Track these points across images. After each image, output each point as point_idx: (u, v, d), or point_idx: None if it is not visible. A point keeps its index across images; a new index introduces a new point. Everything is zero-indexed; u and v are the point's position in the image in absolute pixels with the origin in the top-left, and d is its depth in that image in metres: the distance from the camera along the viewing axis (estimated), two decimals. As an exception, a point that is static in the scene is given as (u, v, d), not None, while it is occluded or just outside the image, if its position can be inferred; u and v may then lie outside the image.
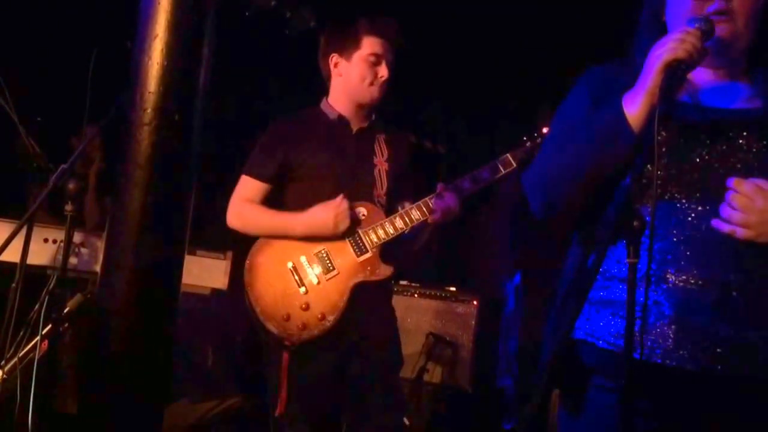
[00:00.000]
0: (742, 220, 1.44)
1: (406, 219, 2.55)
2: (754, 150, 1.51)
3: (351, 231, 2.54)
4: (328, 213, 2.49)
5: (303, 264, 2.52)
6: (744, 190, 1.45)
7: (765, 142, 1.51)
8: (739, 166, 1.51)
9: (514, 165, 2.61)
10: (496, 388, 4.27)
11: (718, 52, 1.56)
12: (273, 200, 2.65)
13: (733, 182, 1.46)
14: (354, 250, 2.54)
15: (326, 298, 2.49)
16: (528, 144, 2.66)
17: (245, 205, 2.61)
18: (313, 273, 2.51)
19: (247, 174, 2.65)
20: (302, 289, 2.50)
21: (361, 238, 2.55)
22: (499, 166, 2.61)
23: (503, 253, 5.21)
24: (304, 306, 2.47)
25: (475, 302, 4.21)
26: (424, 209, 2.55)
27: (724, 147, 1.53)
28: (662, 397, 1.54)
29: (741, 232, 1.44)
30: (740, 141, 1.52)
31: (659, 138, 1.56)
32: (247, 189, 2.63)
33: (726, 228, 1.46)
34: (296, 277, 2.51)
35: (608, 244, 1.51)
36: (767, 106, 1.56)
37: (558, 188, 1.67)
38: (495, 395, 4.38)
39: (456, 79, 5.11)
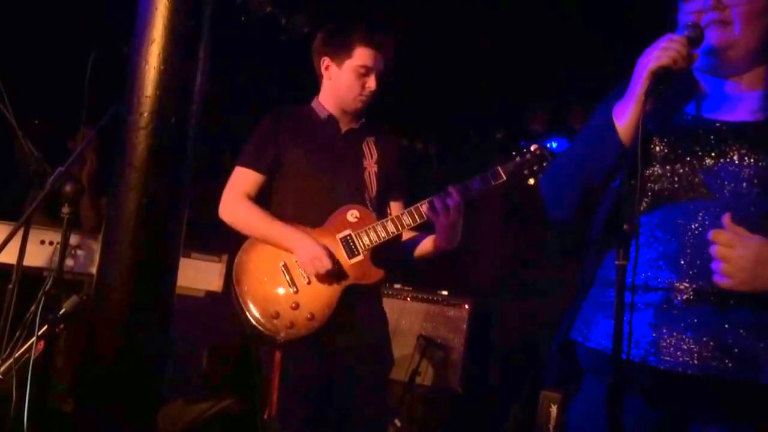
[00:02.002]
0: (723, 270, 1.45)
1: (398, 223, 2.56)
2: (745, 163, 1.53)
3: (343, 233, 2.57)
4: (310, 253, 2.48)
5: (294, 264, 2.54)
6: (722, 240, 1.45)
7: (756, 156, 1.52)
8: (728, 178, 1.53)
9: (504, 177, 2.61)
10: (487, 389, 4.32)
11: (719, 61, 1.59)
12: (260, 194, 2.66)
13: (711, 234, 1.46)
14: (346, 253, 2.56)
15: (316, 299, 2.50)
16: (518, 159, 2.68)
17: (241, 201, 2.60)
18: (304, 273, 2.53)
19: (241, 165, 2.63)
20: (292, 289, 2.51)
21: (353, 240, 2.56)
22: (490, 178, 2.61)
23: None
24: (293, 305, 2.49)
25: (466, 306, 4.24)
26: (416, 215, 2.56)
27: (717, 159, 1.55)
28: (647, 396, 1.57)
29: (724, 282, 1.45)
30: (732, 154, 1.54)
31: (656, 149, 1.60)
32: (242, 180, 2.62)
33: (716, 279, 1.46)
34: (287, 277, 2.52)
35: (599, 246, 1.55)
36: None
37: (561, 191, 1.72)
38: (485, 397, 4.42)
39: (447, 80, 5.13)
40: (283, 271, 2.53)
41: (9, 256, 2.42)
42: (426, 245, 2.68)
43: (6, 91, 2.53)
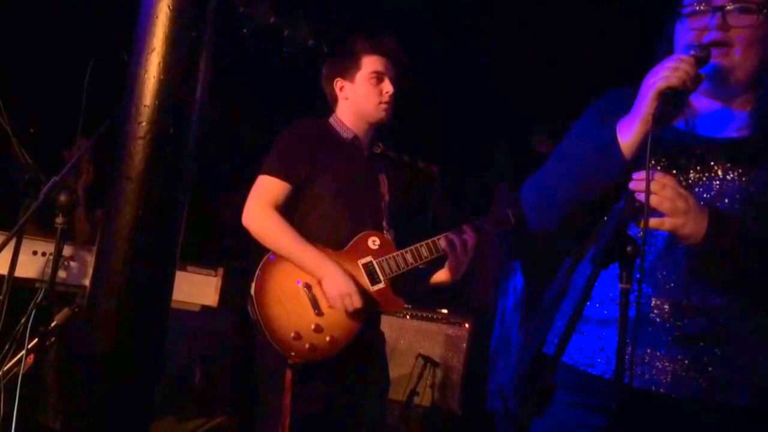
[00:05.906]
0: (653, 202, 1.42)
1: (416, 255, 2.55)
2: (728, 177, 1.52)
3: (364, 259, 2.54)
4: (342, 289, 2.44)
5: (317, 284, 2.48)
6: (669, 183, 1.44)
7: (740, 170, 1.52)
8: (713, 193, 1.53)
9: (513, 222, 2.62)
10: (486, 410, 4.25)
11: (715, 82, 1.57)
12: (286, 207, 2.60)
13: (657, 175, 1.44)
14: (368, 279, 2.53)
15: (340, 323, 2.45)
16: None
17: (269, 211, 2.48)
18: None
19: (270, 174, 2.51)
20: (315, 311, 2.45)
21: (374, 268, 2.54)
22: (500, 220, 2.63)
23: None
24: (315, 327, 2.43)
25: (466, 325, 4.21)
26: (433, 249, 2.55)
27: (704, 175, 1.55)
28: (631, 418, 1.54)
29: (669, 223, 1.43)
30: (717, 169, 1.54)
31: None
32: (270, 190, 2.51)
33: (655, 223, 1.44)
34: (309, 297, 2.46)
35: (601, 267, 1.51)
36: (753, 135, 1.57)
37: (549, 203, 1.69)
38: (485, 418, 4.36)
39: (451, 99, 5.13)
40: (306, 292, 2.46)
41: (0, 266, 2.39)
42: (441, 275, 2.66)
43: (2, 99, 2.51)
